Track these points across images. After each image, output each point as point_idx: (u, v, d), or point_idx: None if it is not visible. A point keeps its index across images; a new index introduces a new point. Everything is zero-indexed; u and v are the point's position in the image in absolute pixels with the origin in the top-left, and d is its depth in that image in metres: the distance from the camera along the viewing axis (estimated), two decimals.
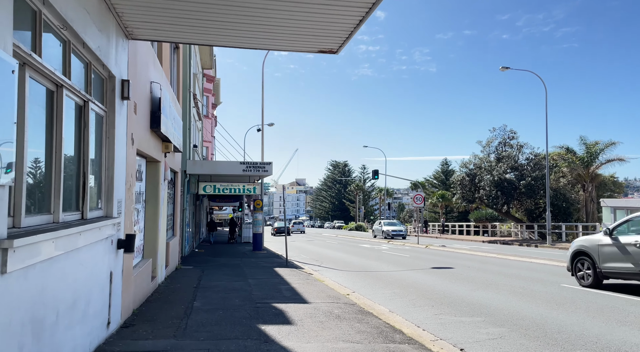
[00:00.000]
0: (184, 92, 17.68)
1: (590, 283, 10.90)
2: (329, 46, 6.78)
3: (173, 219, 14.48)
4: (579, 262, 11.38)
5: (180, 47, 14.71)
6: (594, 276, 10.83)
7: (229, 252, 22.03)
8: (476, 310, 8.56)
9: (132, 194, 7.14)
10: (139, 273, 7.92)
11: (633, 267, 9.85)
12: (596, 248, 10.86)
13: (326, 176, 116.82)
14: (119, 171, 6.15)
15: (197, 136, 26.44)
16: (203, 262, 16.47)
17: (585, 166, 36.54)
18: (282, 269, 14.36)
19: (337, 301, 8.93)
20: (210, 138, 37.82)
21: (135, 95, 7.17)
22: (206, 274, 13.02)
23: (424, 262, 17.75)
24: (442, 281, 12.31)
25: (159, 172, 10.27)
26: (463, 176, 40.81)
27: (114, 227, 5.90)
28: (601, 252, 10.69)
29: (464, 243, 32.70)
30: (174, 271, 13.38)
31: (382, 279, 13.05)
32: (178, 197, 15.00)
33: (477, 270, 14.87)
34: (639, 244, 9.75)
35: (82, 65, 4.97)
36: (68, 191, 4.72)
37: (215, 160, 31.63)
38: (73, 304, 4.38)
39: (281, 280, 11.92)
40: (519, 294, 10.17)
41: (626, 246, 10.10)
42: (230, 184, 20.56)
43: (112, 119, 5.88)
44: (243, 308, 8.03)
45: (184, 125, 17.49)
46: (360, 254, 22.07)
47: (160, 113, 8.85)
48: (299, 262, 17.76)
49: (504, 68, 31.75)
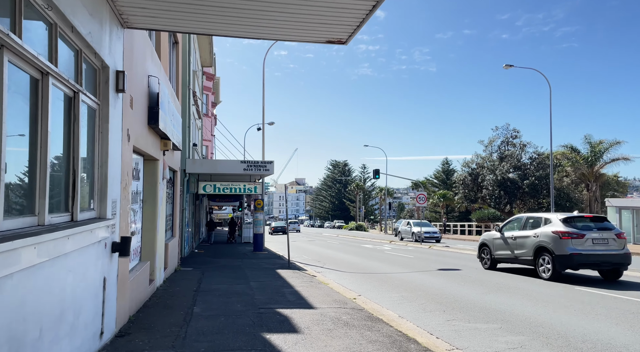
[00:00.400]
0: (183, 89, 17.25)
1: (489, 266, 15.08)
2: (338, 36, 6.35)
3: (172, 219, 14.06)
4: (482, 251, 15.49)
5: (179, 43, 14.29)
6: (491, 261, 15.02)
7: (229, 252, 21.60)
8: (490, 315, 8.14)
9: (128, 193, 6.71)
10: (135, 277, 7.49)
11: (510, 253, 14.08)
12: (492, 241, 14.94)
13: (326, 175, 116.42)
14: (113, 169, 5.72)
15: (196, 135, 26.00)
16: (203, 264, 16.04)
17: (590, 165, 36.15)
18: (284, 271, 13.93)
19: (344, 306, 8.50)
20: (210, 137, 37.39)
21: (131, 89, 6.74)
22: (206, 276, 12.59)
23: (429, 263, 17.33)
24: (450, 284, 11.89)
25: (157, 171, 9.84)
26: (465, 175, 40.43)
27: (108, 230, 5.47)
28: (494, 243, 14.82)
29: (466, 243, 32.28)
30: (173, 273, 12.95)
31: (388, 281, 12.62)
32: (177, 196, 14.57)
33: (484, 272, 14.44)
34: (513, 237, 13.91)
35: (71, 53, 4.54)
36: (55, 191, 4.29)
37: (215, 159, 31.19)
38: (60, 316, 3.95)
39: (284, 283, 11.49)
40: (534, 298, 9.75)
41: (507, 239, 14.20)
42: (230, 183, 20.13)
43: (105, 112, 5.44)
44: (245, 314, 7.60)
45: (184, 123, 17.05)
46: (362, 255, 21.65)
47: (159, 108, 8.42)
48: (301, 263, 17.34)
49: (507, 66, 31.32)
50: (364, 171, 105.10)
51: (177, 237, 14.41)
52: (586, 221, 12.85)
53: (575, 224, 12.63)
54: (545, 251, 12.65)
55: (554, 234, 12.45)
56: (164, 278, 11.19)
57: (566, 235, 12.25)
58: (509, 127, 39.75)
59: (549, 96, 31.28)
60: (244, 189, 20.21)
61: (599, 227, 12.59)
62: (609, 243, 12.25)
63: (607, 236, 12.33)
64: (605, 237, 12.29)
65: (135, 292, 7.44)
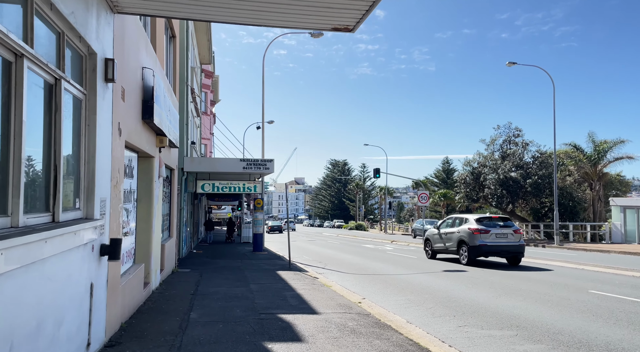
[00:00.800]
0: (181, 85, 16.79)
1: (430, 256, 18.78)
2: (345, 22, 5.90)
3: (169, 219, 13.60)
4: (426, 244, 19.27)
5: (176, 37, 13.82)
6: (432, 252, 18.75)
7: (228, 253, 21.15)
8: (504, 321, 7.70)
9: (119, 192, 6.26)
10: (128, 281, 7.04)
11: (443, 246, 17.66)
12: (432, 236, 18.61)
13: (325, 174, 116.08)
14: (102, 165, 5.26)
15: (195, 133, 25.54)
16: (201, 265, 15.59)
17: (593, 164, 35.72)
18: (285, 273, 13.49)
19: (349, 311, 8.06)
20: (209, 136, 36.93)
21: (123, 80, 6.29)
22: (204, 278, 12.14)
23: (432, 264, 16.89)
24: (458, 286, 11.44)
25: (152, 169, 9.38)
26: (467, 174, 39.94)
27: (96, 231, 5.02)
28: (433, 238, 18.48)
29: None
30: (169, 275, 12.50)
31: (392, 283, 12.18)
32: (175, 196, 14.12)
33: (491, 273, 14.00)
34: (445, 233, 17.39)
35: (51, 34, 4.09)
36: (33, 188, 3.84)
37: (214, 157, 30.69)
38: (36, 328, 3.50)
39: (285, 285, 11.05)
40: (547, 302, 9.31)
41: (441, 234, 17.76)
42: (229, 182, 19.65)
43: (92, 103, 4.99)
44: (246, 320, 7.15)
45: (181, 119, 16.59)
46: (364, 255, 21.21)
47: (154, 102, 7.96)
48: (301, 264, 16.90)
49: (510, 63, 30.91)
50: (363, 170, 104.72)
51: (174, 237, 13.96)
52: (493, 220, 16.48)
53: (485, 222, 16.20)
54: (464, 243, 16.22)
55: (469, 230, 16.01)
56: (160, 281, 10.74)
57: (477, 231, 15.78)
58: (511, 126, 39.26)
59: (553, 93, 30.97)
60: (244, 188, 19.74)
61: (501, 225, 16.16)
62: (508, 237, 15.90)
63: (507, 232, 15.92)
64: (505, 233, 15.89)
65: (128, 297, 7.00)
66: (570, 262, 17.21)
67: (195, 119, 24.88)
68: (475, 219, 16.29)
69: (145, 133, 8.31)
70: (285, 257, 19.36)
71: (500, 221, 16.40)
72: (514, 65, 31.09)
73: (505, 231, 15.86)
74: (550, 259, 18.84)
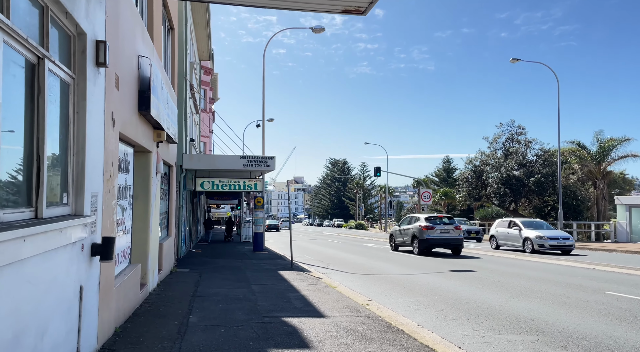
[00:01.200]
0: (179, 80, 16.34)
1: (394, 249, 22.48)
2: (356, 4, 5.46)
3: (167, 217, 13.16)
4: (391, 239, 23.06)
5: (175, 29, 13.37)
6: (394, 245, 22.58)
7: (228, 252, 20.71)
8: (523, 325, 7.27)
9: (113, 187, 5.82)
10: (123, 283, 6.60)
11: (402, 240, 21.27)
12: (394, 232, 22.55)
13: (325, 173, 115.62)
14: (93, 157, 4.82)
15: (194, 130, 25.10)
16: (201, 264, 15.15)
17: (597, 163, 35.32)
18: (287, 273, 13.06)
19: (357, 314, 7.62)
20: (209, 133, 36.48)
21: (116, 66, 5.84)
22: (204, 278, 11.70)
23: (438, 264, 16.47)
24: (468, 287, 11.01)
25: (149, 164, 8.94)
26: (469, 172, 39.53)
27: (86, 229, 4.58)
28: (395, 234, 22.38)
29: (471, 243, 31.43)
30: (168, 275, 12.06)
31: (398, 283, 11.75)
32: (173, 193, 13.67)
33: (501, 273, 13.57)
34: (404, 229, 21.07)
35: (31, 6, 3.64)
36: (12, 181, 3.40)
37: (213, 154, 30.18)
38: (13, 340, 3.06)
39: (288, 286, 10.61)
40: (565, 304, 8.88)
41: (401, 230, 21.49)
42: (229, 180, 19.18)
43: (82, 89, 4.55)
44: (248, 325, 6.71)
45: (180, 115, 16.15)
46: (367, 255, 20.77)
47: (150, 93, 7.51)
48: (304, 263, 16.47)
49: (514, 60, 30.50)
50: (363, 169, 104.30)
51: (173, 236, 13.52)
52: (439, 219, 19.87)
53: (432, 220, 19.70)
54: (416, 238, 19.92)
55: (419, 227, 19.69)
56: (157, 281, 10.30)
57: (425, 227, 19.46)
58: (513, 124, 38.88)
59: (557, 90, 30.49)
60: (244, 186, 19.28)
61: (445, 222, 19.66)
62: (450, 232, 19.55)
63: (449, 228, 19.58)
64: (448, 229, 19.54)
65: (122, 300, 6.56)
66: (580, 262, 16.78)
67: (194, 116, 24.44)
68: (424, 218, 19.93)
69: (141, 126, 7.87)
70: (286, 256, 18.93)
71: (445, 219, 19.88)
72: (517, 62, 30.71)
73: (448, 227, 19.53)
74: (558, 259, 18.42)
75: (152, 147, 8.99)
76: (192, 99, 21.14)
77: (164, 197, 12.40)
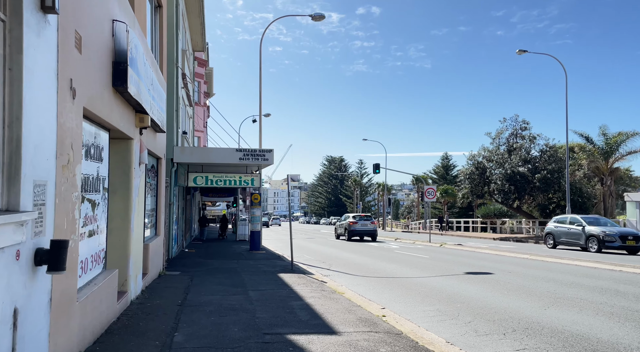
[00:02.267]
0: (169, 65, 15.08)
1: (336, 238, 32.09)
2: None
3: (156, 214, 11.93)
4: (335, 231, 32.71)
5: (163, 6, 12.09)
6: (336, 235, 32.47)
7: (223, 252, 19.48)
8: (573, 343, 6.08)
9: (73, 175, 4.58)
10: (92, 294, 5.37)
11: (341, 231, 30.95)
12: (336, 226, 32.56)
13: (322, 171, 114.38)
14: (36, 133, 3.59)
15: (187, 123, 23.82)
16: (193, 266, 13.92)
17: (605, 158, 34.23)
18: (288, 276, 11.86)
19: (374, 329, 6.43)
20: (203, 128, 35.16)
21: (79, 23, 4.61)
22: (196, 283, 10.48)
23: (450, 264, 15.29)
24: (491, 293, 9.84)
25: (130, 153, 7.70)
26: (472, 169, 38.35)
27: (24, 230, 3.35)
28: (336, 227, 32.89)
29: (478, 241, 30.31)
30: (155, 279, 10.83)
31: (411, 288, 10.56)
32: (162, 188, 12.42)
33: (523, 276, 12.39)
34: (340, 224, 31.85)
35: None
36: None
37: (207, 147, 28.76)
38: None
39: (290, 292, 9.41)
40: (612, 315, 7.69)
41: (340, 225, 31.83)
42: (224, 175, 17.90)
43: (17, 37, 3.31)
44: (246, 346, 5.49)
45: (170, 103, 14.90)
46: (370, 255, 19.58)
47: (128, 66, 6.27)
48: (304, 264, 15.28)
49: (521, 51, 29.35)
50: (361, 166, 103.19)
51: (161, 236, 12.29)
52: (362, 217, 29.84)
53: (357, 217, 29.70)
54: (346, 229, 29.59)
55: (348, 222, 29.58)
56: (142, 287, 9.07)
57: (352, 222, 29.29)
58: (517, 119, 37.66)
59: (565, 83, 29.41)
60: (240, 181, 18.00)
61: (365, 219, 29.63)
62: (368, 226, 29.34)
63: (368, 222, 29.43)
64: (367, 223, 29.35)
65: (91, 316, 5.33)
66: (602, 262, 15.60)
67: (187, 108, 23.16)
68: (352, 216, 30.08)
69: (118, 106, 6.62)
70: (285, 257, 17.73)
71: (365, 217, 29.96)
72: (524, 54, 29.56)
73: (367, 222, 29.57)
74: (575, 259, 17.26)
75: (133, 133, 7.75)
76: (185, 90, 19.87)
77: (150, 192, 11.16)
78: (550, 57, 30.35)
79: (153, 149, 10.45)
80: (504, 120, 38.31)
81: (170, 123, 15.06)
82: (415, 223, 58.61)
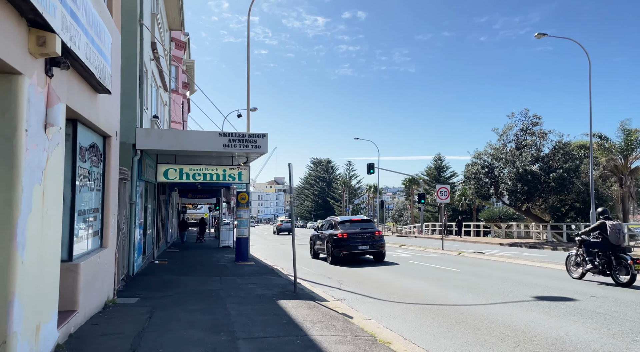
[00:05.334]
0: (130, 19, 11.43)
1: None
2: None
3: (101, 217, 8.26)
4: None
5: None
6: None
7: (202, 263, 15.79)
8: None
9: None
10: None
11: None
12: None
13: (307, 173, 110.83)
14: None
15: (162, 110, 20.09)
16: (159, 288, 10.27)
17: (624, 156, 31.32)
18: (292, 304, 8.30)
19: None
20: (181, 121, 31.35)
21: None
22: (155, 323, 6.85)
23: (497, 282, 11.82)
24: (599, 336, 6.37)
25: (16, 101, 4.10)
26: (478, 168, 35.08)
27: None
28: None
29: (491, 247, 27.05)
30: (95, 316, 7.17)
31: (482, 327, 7.03)
32: (113, 181, 8.72)
33: (622, 303, 8.97)
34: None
35: None
36: None
37: (182, 130, 24.63)
38: None
39: (305, 342, 5.84)
40: None
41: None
42: (204, 167, 14.09)
43: None
44: None
45: (132, 72, 11.26)
46: (383, 266, 16.08)
47: None
48: (305, 281, 11.80)
49: (540, 35, 26.24)
50: (349, 168, 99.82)
51: (111, 248, 8.60)
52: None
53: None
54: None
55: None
56: (57, 341, 5.41)
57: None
58: (527, 113, 34.43)
59: (589, 71, 26.36)
60: (224, 176, 14.26)
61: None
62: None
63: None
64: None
65: None
66: None
67: (161, 91, 19.43)
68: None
69: None
70: (280, 270, 14.16)
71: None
72: (544, 37, 26.49)
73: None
74: None
75: (22, 64, 4.15)
76: (156, 63, 16.17)
77: (90, 184, 7.51)
78: (571, 41, 27.36)
79: (91, 118, 6.81)
80: (513, 115, 35.09)
81: (131, 96, 11.37)
82: (409, 227, 55.36)
